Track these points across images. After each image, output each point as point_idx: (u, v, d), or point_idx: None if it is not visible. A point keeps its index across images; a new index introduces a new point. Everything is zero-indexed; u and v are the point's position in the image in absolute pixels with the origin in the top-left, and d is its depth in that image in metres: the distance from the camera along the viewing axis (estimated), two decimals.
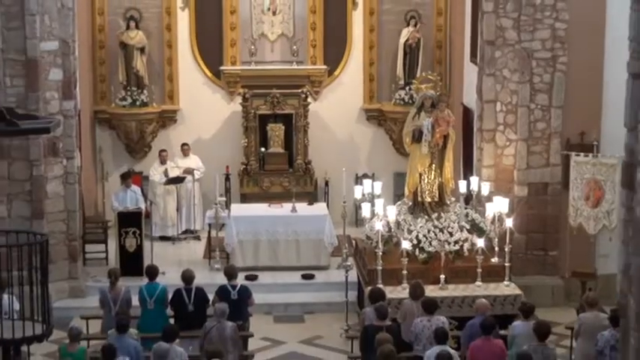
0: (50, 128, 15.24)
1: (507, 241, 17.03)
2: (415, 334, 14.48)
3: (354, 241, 19.23)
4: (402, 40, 22.95)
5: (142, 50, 22.60)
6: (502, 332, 14.39)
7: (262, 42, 23.40)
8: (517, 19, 18.97)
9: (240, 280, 16.87)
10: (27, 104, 17.94)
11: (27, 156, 18.51)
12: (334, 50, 23.40)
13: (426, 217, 17.59)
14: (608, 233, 17.97)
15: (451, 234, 17.37)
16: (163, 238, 22.10)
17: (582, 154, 18.39)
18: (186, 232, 22.73)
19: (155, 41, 22.99)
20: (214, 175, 21.69)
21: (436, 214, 17.60)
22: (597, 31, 18.79)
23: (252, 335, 16.37)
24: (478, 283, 16.88)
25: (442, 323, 14.31)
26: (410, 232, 17.34)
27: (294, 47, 23.24)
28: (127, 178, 21.37)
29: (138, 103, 22.60)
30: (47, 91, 18.60)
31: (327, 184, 22.63)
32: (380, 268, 16.69)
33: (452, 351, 13.52)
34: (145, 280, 16.28)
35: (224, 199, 21.53)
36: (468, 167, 20.77)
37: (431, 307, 14.67)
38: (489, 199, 17.86)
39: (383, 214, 17.54)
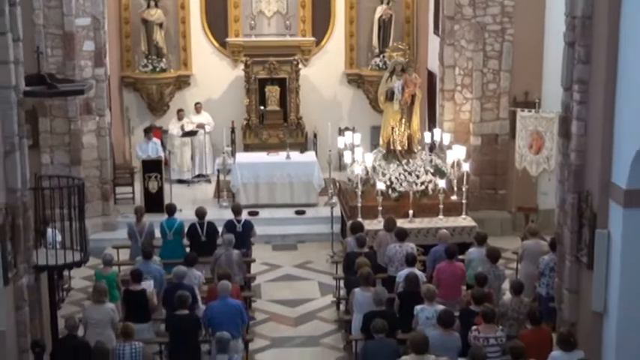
0: (84, 90, 15.20)
1: (464, 182, 17.08)
2: (389, 257, 14.57)
3: (338, 183, 19.24)
4: (377, 15, 22.81)
5: (160, 25, 22.47)
6: (460, 257, 14.43)
7: (260, 18, 23.22)
8: None
9: (244, 215, 16.89)
10: (65, 71, 17.87)
11: (66, 114, 18.49)
12: (320, 24, 23.25)
13: (397, 162, 17.62)
14: (547, 175, 18.03)
15: (418, 176, 17.43)
16: (180, 181, 22.08)
17: (526, 109, 18.41)
18: (199, 176, 22.72)
19: (171, 18, 22.81)
20: (222, 129, 21.87)
21: (405, 160, 17.64)
22: (539, 7, 18.72)
23: (254, 261, 16.47)
24: (440, 216, 16.94)
25: (411, 249, 14.40)
26: (384, 175, 17.37)
27: (287, 22, 23.09)
28: (149, 132, 21.41)
29: (158, 69, 22.51)
30: (82, 60, 18.56)
31: (315, 135, 22.63)
32: (359, 205, 16.73)
33: (419, 272, 13.61)
34: (165, 216, 16.28)
35: (230, 148, 21.56)
36: (431, 121, 20.76)
37: (402, 235, 14.75)
38: (449, 147, 17.88)
39: (362, 160, 17.58)
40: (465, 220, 17.01)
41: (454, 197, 17.28)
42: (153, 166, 20.23)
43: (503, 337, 11.43)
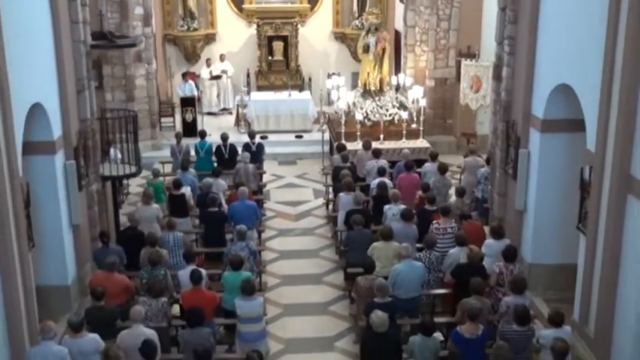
0: (136, 44, 15.16)
1: (421, 113, 17.00)
2: (367, 170, 14.57)
3: (327, 115, 19.13)
4: None
5: None
6: (418, 170, 14.46)
7: None
8: None
9: (257, 138, 16.83)
10: (121, 29, 17.70)
11: (122, 62, 18.43)
12: None
13: (372, 99, 17.52)
14: (483, 109, 17.92)
15: (387, 110, 17.36)
16: (209, 113, 21.93)
17: (468, 59, 18.25)
18: (223, 109, 22.57)
19: None
20: (240, 74, 21.74)
21: (378, 97, 17.53)
22: None
23: (264, 172, 16.51)
24: (403, 140, 16.87)
25: (384, 164, 14.37)
26: (361, 108, 17.29)
27: None
28: (185, 76, 21.27)
29: (191, 28, 22.25)
30: (134, 21, 18.36)
31: (310, 79, 22.39)
32: (343, 130, 16.68)
33: (387, 181, 13.65)
34: (198, 139, 16.25)
35: (246, 88, 21.40)
36: (397, 68, 20.58)
37: (377, 153, 14.78)
38: (411, 88, 17.73)
39: (345, 97, 17.47)
40: (421, 143, 16.97)
41: (414, 125, 17.21)
42: (188, 102, 20.15)
43: (456, 227, 11.52)
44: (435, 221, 11.64)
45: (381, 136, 16.81)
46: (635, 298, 8.65)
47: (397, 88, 18.40)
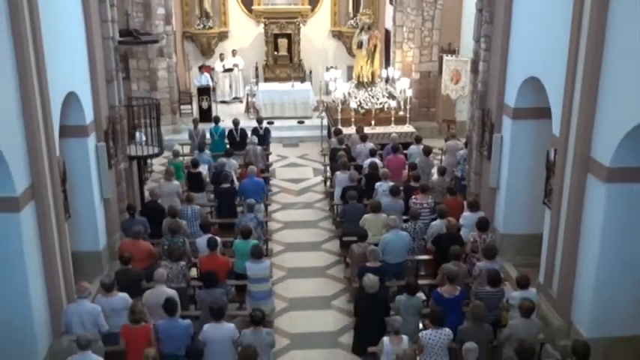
0: (158, 40, 15.03)
1: (408, 102, 16.97)
2: (357, 153, 14.55)
3: (325, 103, 19.09)
4: None
5: None
6: (405, 151, 14.43)
7: None
8: None
9: (265, 124, 16.79)
10: (145, 27, 17.55)
11: (147, 56, 18.29)
12: None
13: (364, 89, 17.46)
14: (462, 98, 17.96)
15: (378, 99, 17.30)
16: (222, 102, 21.83)
17: (449, 55, 18.23)
18: (234, 98, 22.45)
19: None
20: (249, 67, 21.62)
21: (370, 88, 17.47)
22: None
23: (271, 153, 16.53)
24: (392, 125, 16.85)
25: (372, 147, 14.34)
26: (355, 97, 17.24)
27: None
28: (201, 68, 21.12)
29: (206, 27, 22.09)
30: (156, 20, 18.21)
31: (310, 72, 22.25)
32: (339, 117, 16.63)
33: (378, 161, 13.64)
34: (212, 124, 16.19)
35: (255, 80, 21.32)
36: (387, 62, 20.49)
37: (365, 138, 14.73)
38: (398, 80, 17.69)
39: (341, 88, 17.41)
40: (408, 128, 16.93)
41: (401, 112, 17.17)
42: (204, 92, 20.08)
43: (432, 203, 11.54)
44: (414, 197, 11.66)
45: (373, 122, 16.77)
46: (593, 263, 8.69)
47: (387, 80, 18.34)
